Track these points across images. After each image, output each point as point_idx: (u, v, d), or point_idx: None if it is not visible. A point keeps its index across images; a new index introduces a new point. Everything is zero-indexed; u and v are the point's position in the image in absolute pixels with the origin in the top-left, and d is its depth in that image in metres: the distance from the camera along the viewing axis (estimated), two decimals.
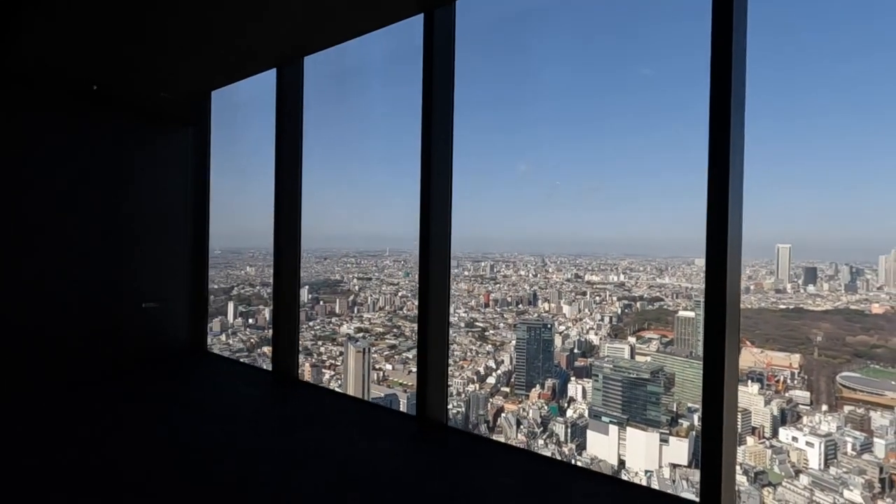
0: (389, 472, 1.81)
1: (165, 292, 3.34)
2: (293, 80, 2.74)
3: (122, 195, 3.21)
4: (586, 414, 21.35)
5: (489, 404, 23.15)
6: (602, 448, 20.15)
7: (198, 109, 3.50)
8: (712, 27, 1.11)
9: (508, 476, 1.82)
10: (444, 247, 1.95)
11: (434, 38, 2.01)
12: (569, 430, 21.22)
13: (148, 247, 3.28)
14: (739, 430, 14.32)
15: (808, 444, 17.35)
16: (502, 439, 20.08)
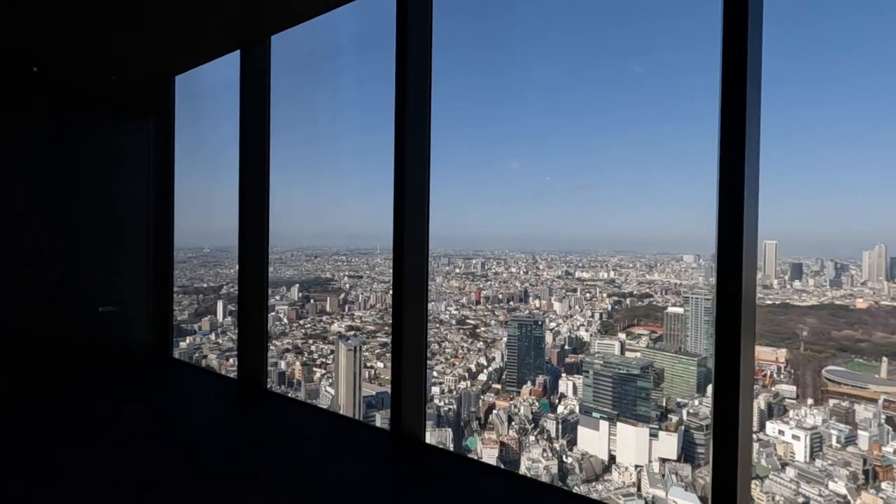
0: (356, 498, 1.65)
1: (125, 295, 3.13)
2: (259, 63, 2.51)
3: (75, 191, 2.98)
4: (577, 410, 21.53)
5: (481, 401, 23.23)
6: (593, 444, 20.35)
7: (159, 97, 3.25)
8: (724, 6, 1.09)
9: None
10: (420, 249, 1.77)
11: (408, 14, 1.81)
12: (560, 427, 21.39)
13: (105, 247, 3.06)
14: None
15: (794, 437, 17.66)
16: (495, 434, 19.95)
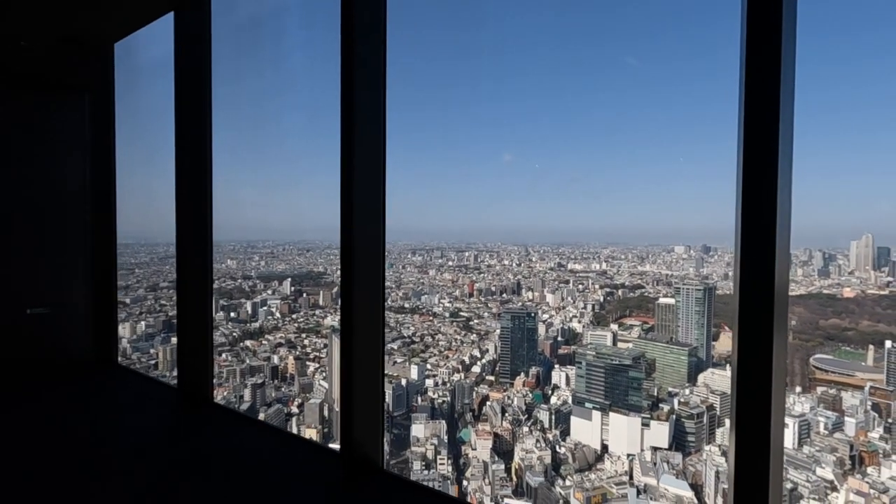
0: None
1: (60, 295, 2.71)
2: (195, 27, 2.13)
3: None
4: (570, 400, 21.66)
5: (474, 393, 23.29)
6: (585, 434, 20.53)
7: (94, 70, 2.73)
8: None
9: None
10: (374, 241, 1.50)
11: None
12: (553, 417, 21.55)
13: (35, 242, 2.64)
14: (718, 413, 14.61)
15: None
16: (489, 425, 19.92)
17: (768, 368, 0.88)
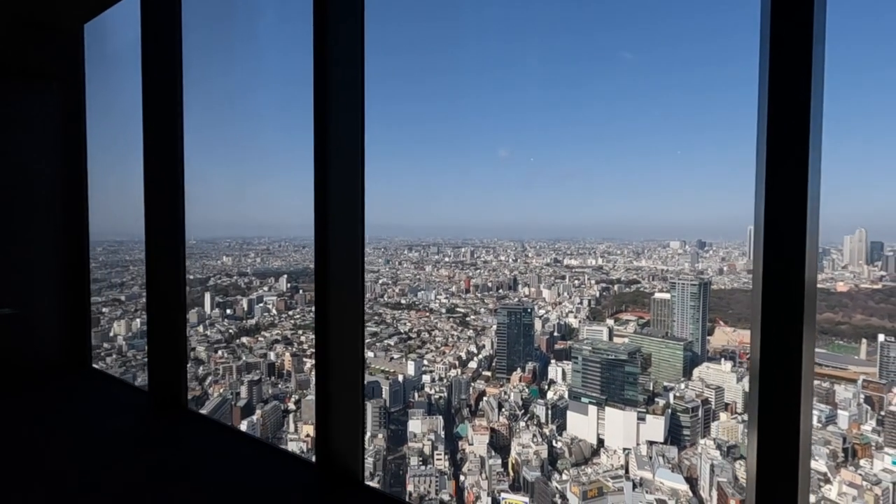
0: None
1: (28, 295, 2.53)
2: (164, 10, 1.96)
3: None
4: (566, 395, 21.84)
5: (471, 388, 23.42)
6: (582, 428, 20.72)
7: (62, 56, 2.51)
8: None
9: None
10: (352, 242, 1.37)
11: None
12: (549, 412, 21.73)
13: (2, 239, 2.48)
14: (713, 407, 14.79)
15: None
16: (485, 420, 20.04)
17: (797, 373, 0.79)
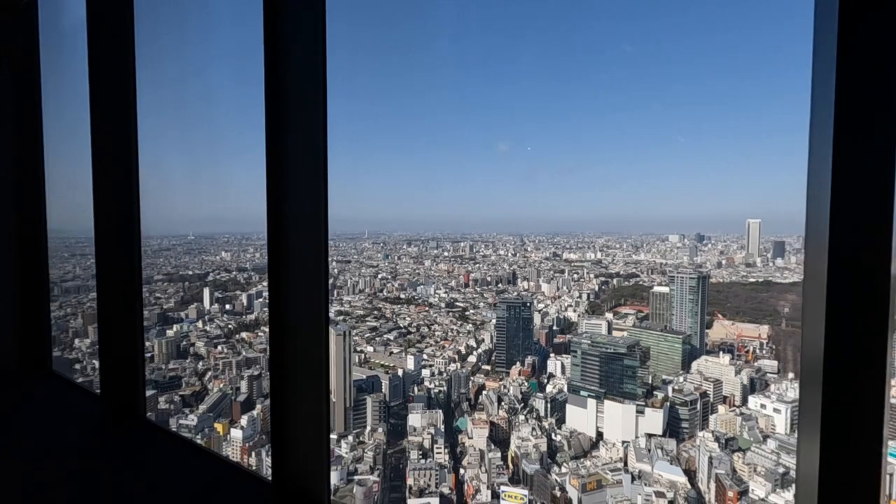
0: None
1: None
2: None
3: None
4: (565, 389, 21.91)
5: (470, 382, 23.47)
6: (581, 421, 20.79)
7: (14, 32, 2.31)
8: None
9: None
10: (313, 238, 1.25)
11: None
12: (548, 406, 21.79)
13: None
14: (711, 400, 14.81)
15: (775, 410, 18.26)
16: (485, 414, 20.04)
17: (882, 378, 0.71)
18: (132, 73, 1.76)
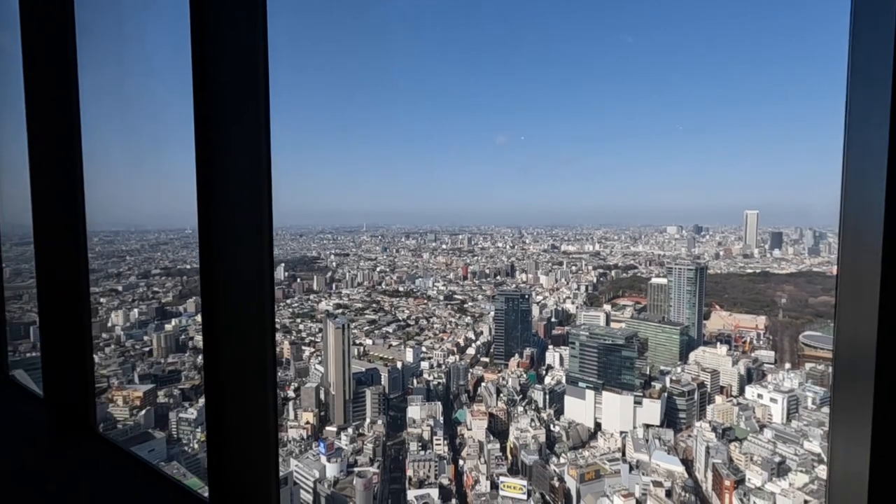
0: None
1: None
2: None
3: None
4: (564, 380, 21.96)
5: (469, 374, 23.50)
6: (579, 412, 20.89)
7: None
8: None
9: None
10: (254, 232, 1.07)
11: None
12: (547, 397, 21.85)
13: None
14: (709, 391, 14.95)
15: (772, 400, 18.33)
16: (484, 406, 20.29)
17: None
18: (73, 55, 1.54)
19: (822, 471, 28.70)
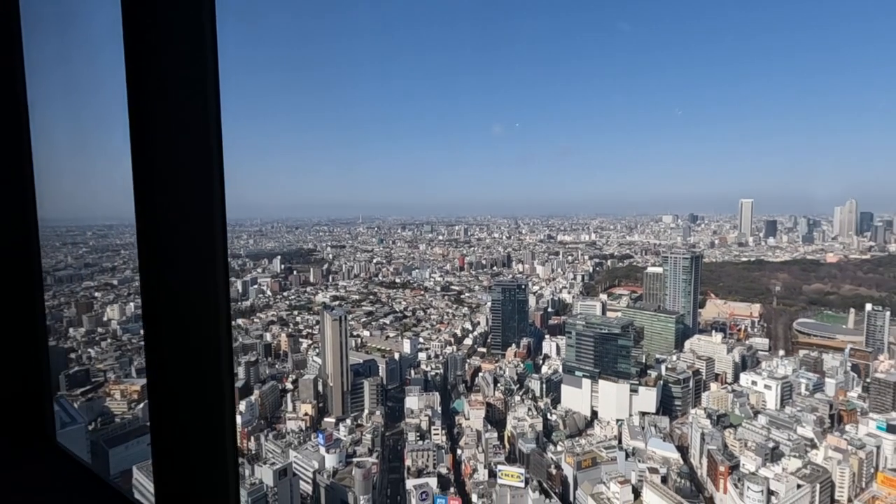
0: None
1: None
2: None
3: None
4: (560, 370, 22.65)
5: (467, 365, 24.19)
6: (576, 401, 21.57)
7: None
8: None
9: None
10: (202, 227, 0.97)
11: None
12: (544, 386, 22.53)
13: None
14: (704, 378, 15.67)
15: (766, 386, 19.11)
16: (481, 396, 21.08)
17: None
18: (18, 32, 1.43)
19: (815, 455, 29.08)
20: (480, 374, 35.27)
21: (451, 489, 30.49)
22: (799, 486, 27.20)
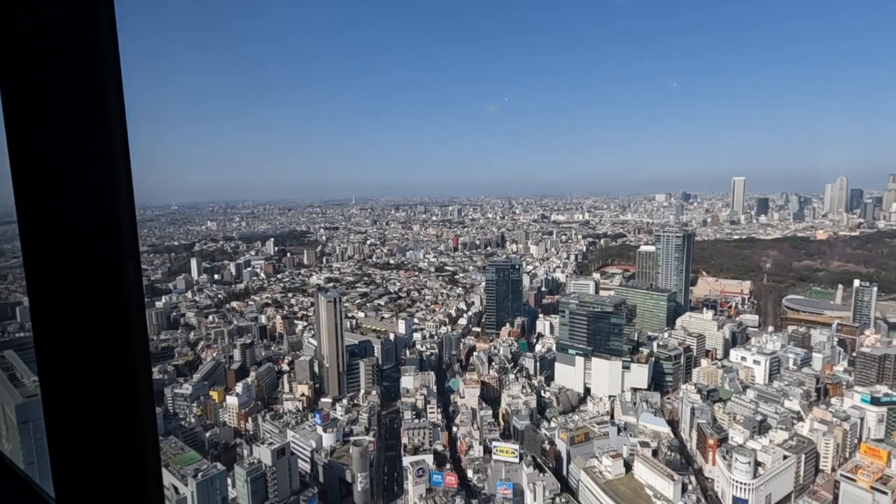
0: None
1: None
2: None
3: None
4: (554, 348, 23.14)
5: (461, 344, 24.56)
6: (569, 378, 22.07)
7: None
8: None
9: None
10: (105, 214, 0.79)
11: None
12: (538, 364, 22.99)
13: None
14: (694, 354, 16.05)
15: (755, 362, 19.70)
16: (476, 374, 21.51)
17: None
18: None
19: (801, 427, 29.95)
20: (475, 353, 36.20)
21: (448, 465, 31.13)
22: (785, 457, 28.06)
